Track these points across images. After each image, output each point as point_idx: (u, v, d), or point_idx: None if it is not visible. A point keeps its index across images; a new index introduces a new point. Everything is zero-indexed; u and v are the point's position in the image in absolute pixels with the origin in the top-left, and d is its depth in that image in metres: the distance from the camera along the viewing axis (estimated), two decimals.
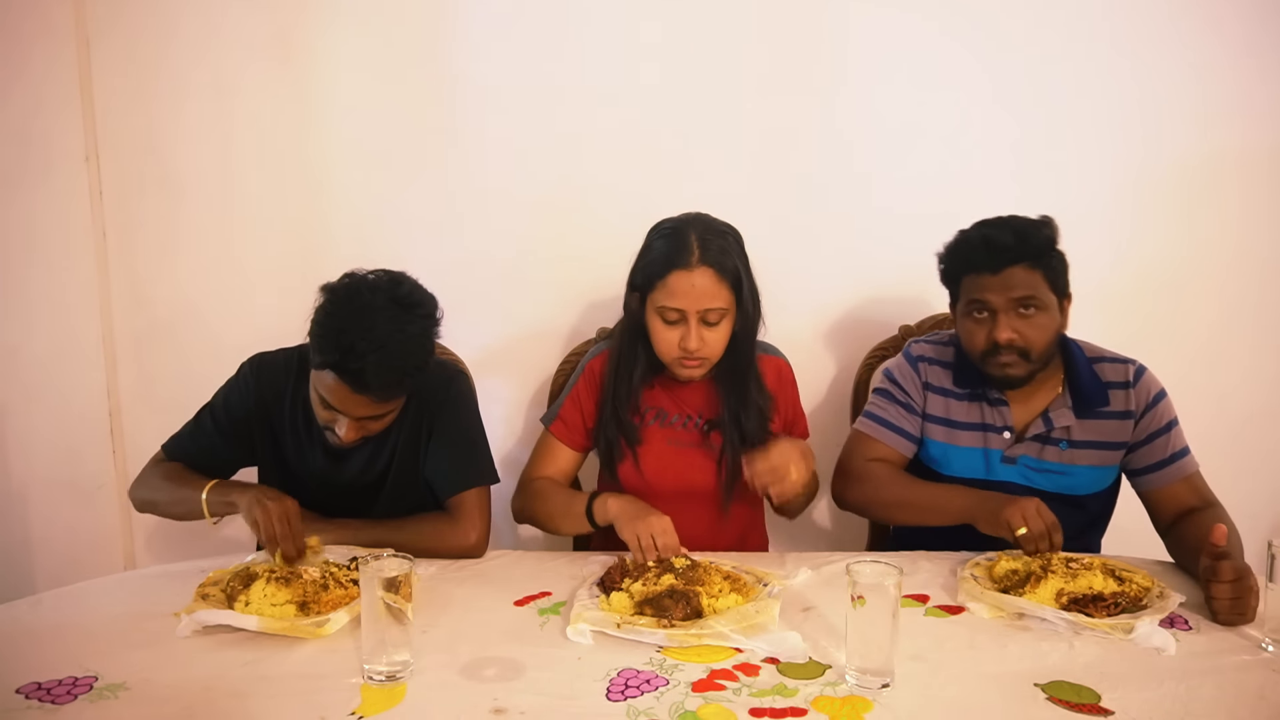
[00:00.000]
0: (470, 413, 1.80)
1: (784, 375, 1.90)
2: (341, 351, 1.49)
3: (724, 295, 1.70)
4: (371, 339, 1.49)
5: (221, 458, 1.75)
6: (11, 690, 1.21)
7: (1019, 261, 1.70)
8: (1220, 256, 2.32)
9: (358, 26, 2.25)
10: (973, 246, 1.75)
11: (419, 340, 1.56)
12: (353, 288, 1.56)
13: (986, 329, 1.73)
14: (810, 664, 1.30)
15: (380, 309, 1.52)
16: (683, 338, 1.71)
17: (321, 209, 2.33)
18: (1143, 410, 1.78)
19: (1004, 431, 1.81)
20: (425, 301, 1.59)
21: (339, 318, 1.52)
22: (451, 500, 1.73)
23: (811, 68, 2.26)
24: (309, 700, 1.21)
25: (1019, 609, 1.45)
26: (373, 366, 1.49)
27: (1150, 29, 2.22)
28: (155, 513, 1.72)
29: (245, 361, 1.76)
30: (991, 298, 1.72)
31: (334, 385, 1.54)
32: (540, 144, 2.28)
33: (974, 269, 1.74)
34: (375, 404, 1.57)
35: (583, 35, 2.24)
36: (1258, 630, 1.40)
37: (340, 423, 1.59)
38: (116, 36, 2.27)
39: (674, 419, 1.84)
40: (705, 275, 1.68)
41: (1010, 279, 1.70)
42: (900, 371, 1.90)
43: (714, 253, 1.69)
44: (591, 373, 1.87)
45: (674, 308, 1.70)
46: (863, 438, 1.90)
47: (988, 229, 1.75)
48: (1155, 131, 2.26)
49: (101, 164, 2.32)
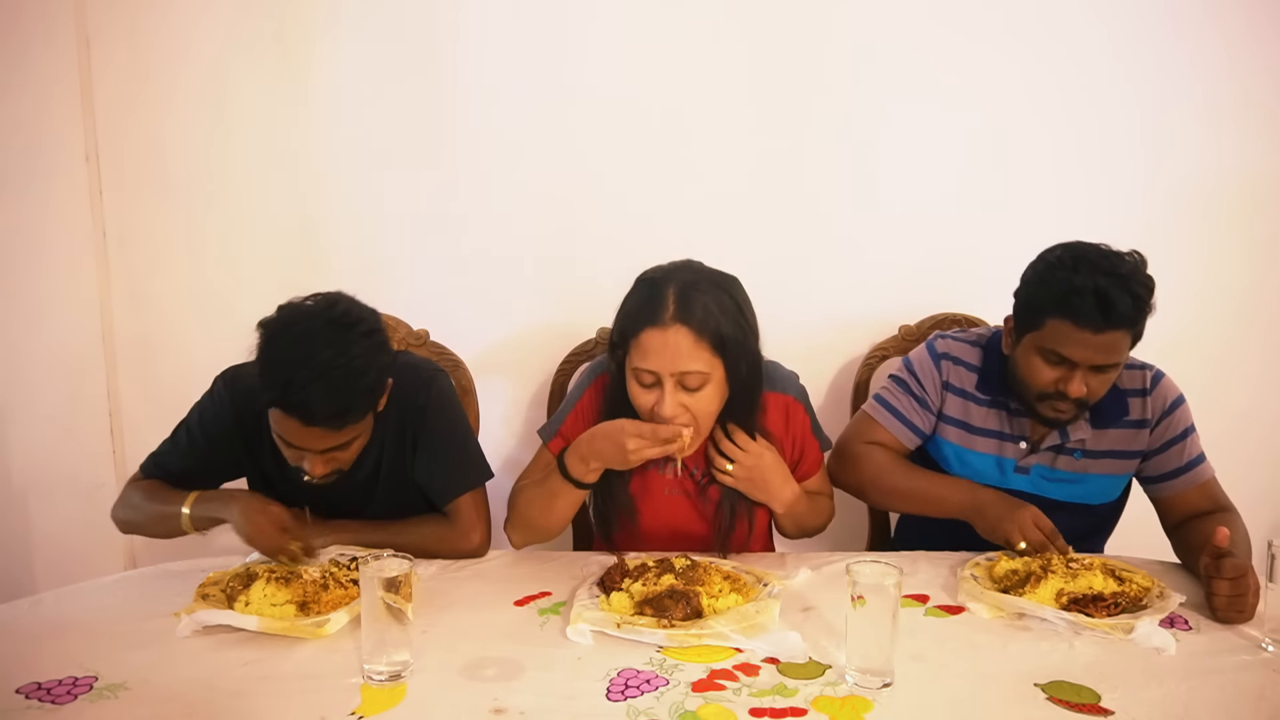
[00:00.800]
0: (453, 413, 1.75)
1: (792, 414, 1.74)
2: (281, 386, 1.42)
3: (703, 357, 1.53)
4: (311, 367, 1.41)
5: (201, 475, 1.68)
6: (11, 690, 1.21)
7: (1123, 327, 1.58)
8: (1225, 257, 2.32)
9: (357, 26, 2.25)
10: (1082, 298, 1.57)
11: (365, 359, 1.47)
12: (286, 318, 1.48)
13: (1058, 376, 1.63)
14: (810, 664, 1.30)
15: (318, 333, 1.44)
16: (656, 403, 1.55)
17: (321, 209, 2.32)
18: (1158, 418, 1.74)
19: (1020, 441, 1.78)
20: (365, 318, 1.51)
21: (275, 350, 1.45)
22: (449, 506, 1.71)
23: (812, 68, 2.26)
24: (309, 700, 1.21)
25: (1019, 609, 1.45)
26: (317, 396, 1.41)
27: (1157, 30, 2.22)
28: (139, 533, 1.69)
29: (218, 376, 1.70)
30: (1078, 355, 1.60)
31: (284, 421, 1.46)
32: (540, 144, 2.28)
33: (1073, 320, 1.58)
34: (331, 434, 1.48)
35: (583, 35, 2.24)
36: (1258, 630, 1.40)
37: (306, 459, 1.52)
38: (116, 36, 2.27)
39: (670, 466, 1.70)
40: (680, 334, 1.52)
41: (1107, 343, 1.59)
42: (921, 365, 1.84)
43: (695, 309, 1.53)
44: (596, 392, 1.74)
45: (647, 369, 1.54)
46: (869, 421, 1.86)
47: (1104, 283, 1.56)
48: (1164, 134, 2.26)
49: (101, 164, 2.32)
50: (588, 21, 2.24)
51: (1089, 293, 1.56)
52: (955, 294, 2.26)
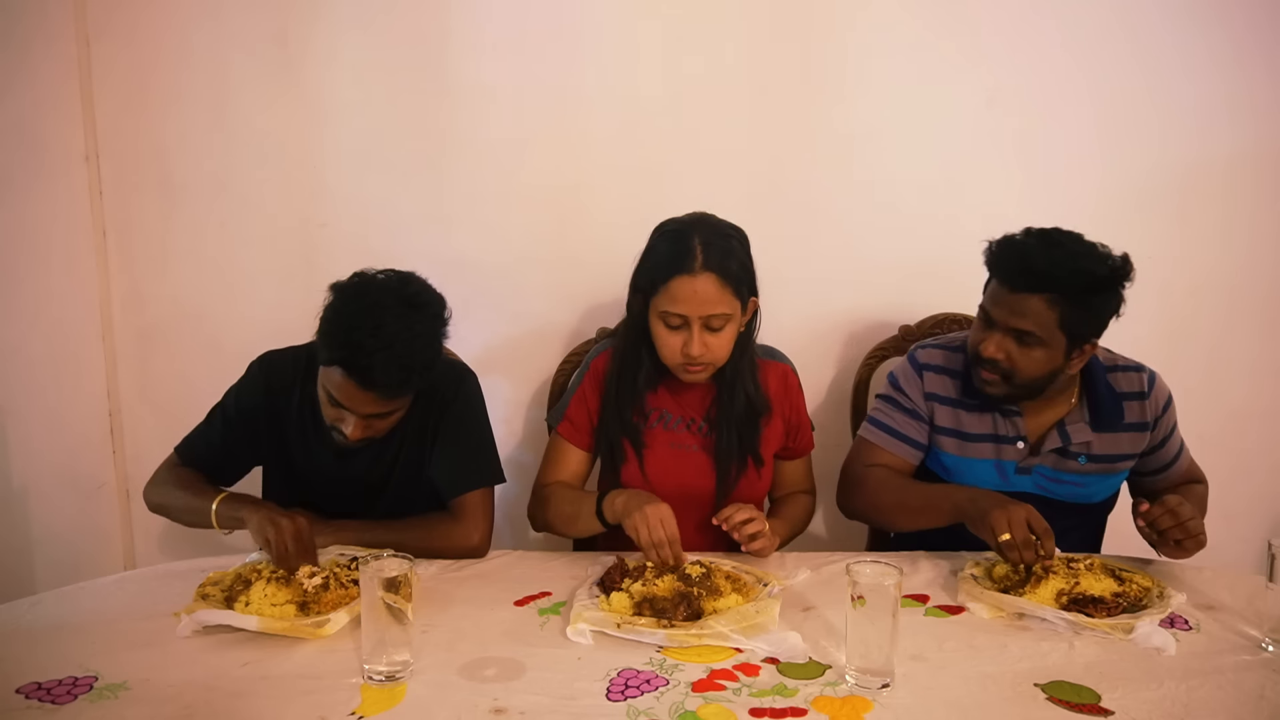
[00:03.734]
0: (478, 413, 1.80)
1: (789, 382, 1.87)
2: (349, 348, 1.49)
3: (727, 300, 1.67)
4: (379, 336, 1.49)
5: (234, 457, 1.75)
6: (11, 690, 1.21)
7: (1041, 291, 1.60)
8: (1222, 257, 2.32)
9: (358, 27, 2.25)
10: (1009, 255, 1.64)
11: (426, 339, 1.56)
12: (361, 286, 1.56)
13: (983, 337, 1.69)
14: (810, 664, 1.31)
15: (389, 307, 1.52)
16: (685, 344, 1.68)
17: (321, 209, 2.32)
18: (1155, 420, 1.77)
19: (1017, 442, 1.77)
20: (434, 301, 1.60)
21: (347, 315, 1.52)
22: (455, 501, 1.73)
23: (812, 68, 2.25)
24: (309, 700, 1.21)
25: (1019, 609, 1.45)
26: (380, 364, 1.49)
27: (1152, 29, 2.22)
28: (167, 517, 1.72)
29: (255, 360, 1.76)
30: (997, 313, 1.66)
31: (341, 382, 1.53)
32: (540, 144, 2.28)
33: (999, 277, 1.66)
34: (381, 401, 1.56)
35: (583, 36, 2.24)
36: (1258, 630, 1.40)
37: (346, 421, 1.59)
38: (116, 36, 2.27)
39: (676, 421, 1.83)
40: (708, 281, 1.65)
41: (1022, 305, 1.62)
42: (905, 377, 1.85)
43: (718, 257, 1.66)
44: (596, 372, 1.85)
45: (677, 313, 1.67)
46: (867, 445, 1.86)
47: (1033, 245, 1.63)
48: (1157, 132, 2.26)
49: (101, 164, 2.32)
50: (588, 23, 2.23)
51: (1015, 249, 1.63)
52: (955, 294, 2.25)
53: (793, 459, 1.91)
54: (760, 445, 1.82)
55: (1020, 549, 1.51)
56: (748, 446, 1.80)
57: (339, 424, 1.60)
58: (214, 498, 1.62)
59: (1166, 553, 1.58)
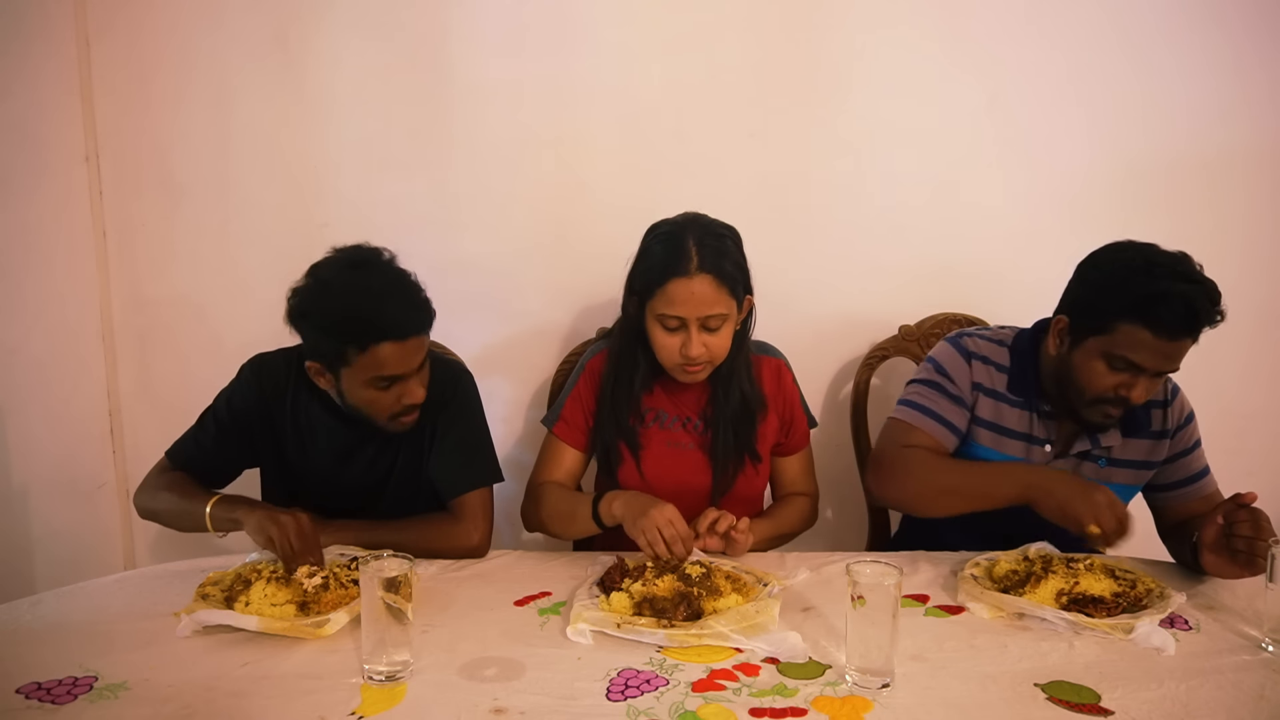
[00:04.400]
0: (475, 411, 1.80)
1: (783, 376, 1.88)
2: (370, 316, 1.53)
3: (724, 301, 1.68)
4: (382, 287, 1.54)
5: (226, 460, 1.74)
6: (11, 690, 1.21)
7: (1197, 336, 1.53)
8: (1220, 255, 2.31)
9: (357, 26, 2.25)
10: (1168, 305, 1.50)
11: (400, 273, 1.61)
12: (327, 270, 1.59)
13: (1121, 381, 1.58)
14: (810, 664, 1.30)
15: (365, 264, 1.58)
16: (684, 345, 1.69)
17: (321, 209, 2.32)
18: (1175, 430, 1.73)
19: (1045, 445, 1.73)
20: (378, 250, 1.63)
21: (343, 297, 1.55)
22: (455, 501, 1.73)
23: (811, 67, 2.26)
24: (309, 700, 1.21)
25: (1019, 609, 1.45)
26: (398, 306, 1.54)
27: (1148, 28, 2.22)
28: (159, 522, 1.71)
29: (245, 363, 1.76)
30: (1150, 361, 1.54)
31: (384, 351, 1.54)
32: (540, 144, 2.28)
33: (1151, 327, 1.52)
34: (422, 340, 1.60)
35: (582, 37, 2.24)
36: (1257, 630, 1.40)
37: (408, 389, 1.60)
38: (116, 36, 2.27)
39: (672, 420, 1.84)
40: (704, 282, 1.65)
41: (1177, 350, 1.54)
42: (952, 364, 1.77)
43: (713, 258, 1.66)
44: (592, 372, 1.85)
45: (674, 315, 1.67)
46: (902, 425, 1.75)
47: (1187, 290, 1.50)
48: (1156, 133, 2.27)
49: (101, 164, 2.32)
50: (587, 24, 2.24)
51: (1175, 299, 1.49)
52: (955, 294, 2.26)
53: (790, 454, 1.91)
54: (757, 442, 1.82)
55: (1111, 538, 1.50)
56: (744, 444, 1.81)
57: (403, 401, 1.61)
58: (207, 500, 1.60)
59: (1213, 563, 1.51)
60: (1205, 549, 1.52)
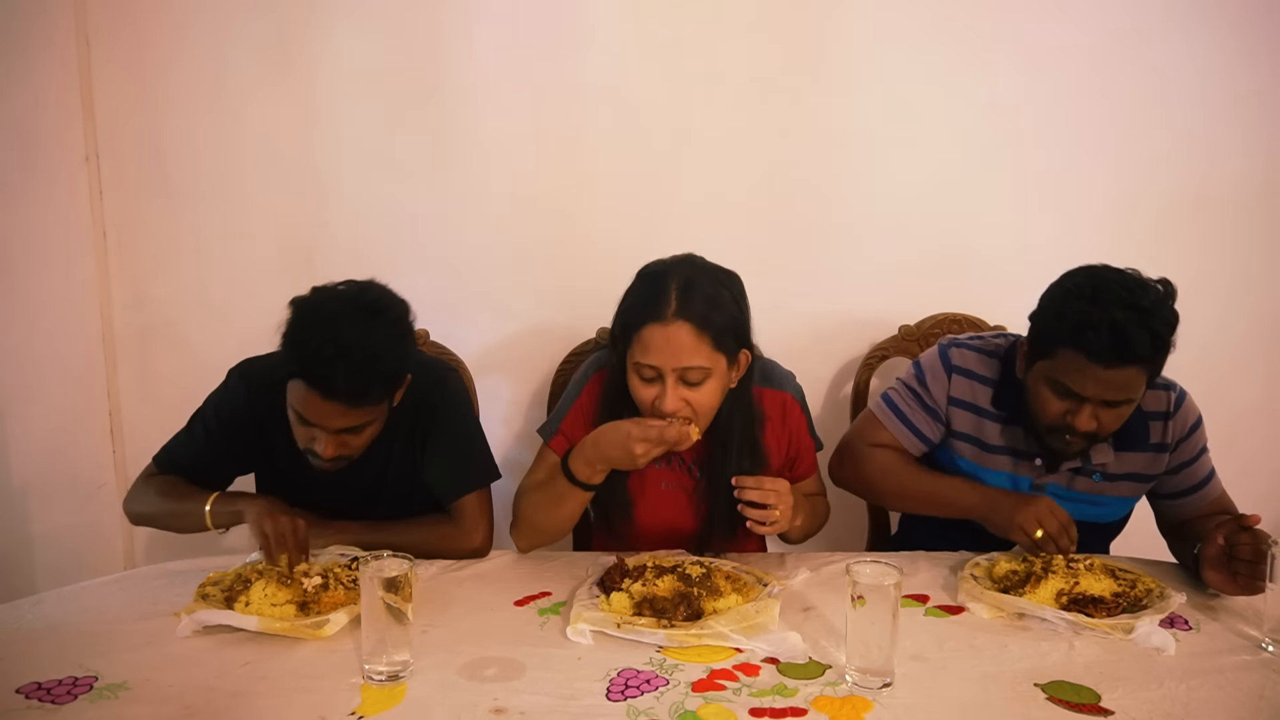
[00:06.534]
0: (465, 411, 1.78)
1: (789, 413, 1.74)
2: (308, 359, 1.48)
3: (704, 352, 1.53)
4: (337, 344, 1.46)
5: (216, 467, 1.71)
6: (11, 690, 1.21)
7: (1139, 365, 1.50)
8: (1220, 257, 2.33)
9: (357, 26, 2.25)
10: (1096, 332, 1.47)
11: (387, 345, 1.52)
12: (317, 299, 1.55)
13: (1066, 409, 1.56)
14: (810, 664, 1.30)
15: (345, 315, 1.50)
16: (657, 398, 1.55)
17: (321, 209, 2.32)
18: (1177, 442, 1.68)
19: (1035, 459, 1.71)
20: (393, 307, 1.57)
21: (304, 327, 1.51)
22: (454, 505, 1.72)
23: (811, 68, 2.26)
24: (309, 700, 1.21)
25: (1019, 609, 1.45)
26: (340, 371, 1.47)
27: (1150, 27, 2.22)
28: (152, 526, 1.70)
29: (233, 368, 1.73)
30: (1089, 390, 1.52)
31: (305, 394, 1.50)
32: (539, 144, 2.28)
33: (1085, 353, 1.50)
34: (347, 412, 1.52)
35: (582, 37, 2.24)
36: (1257, 630, 1.40)
37: (318, 439, 1.55)
38: (117, 36, 2.27)
39: (670, 459, 1.70)
40: (682, 330, 1.51)
41: (1118, 379, 1.50)
42: (933, 374, 1.77)
43: (697, 304, 1.52)
44: (595, 387, 1.73)
45: (648, 364, 1.54)
46: (873, 423, 1.81)
47: (1122, 318, 1.46)
48: (1156, 132, 2.27)
49: (101, 164, 2.32)
50: (587, 23, 2.24)
51: (1104, 327, 1.47)
52: (955, 294, 2.26)
53: (795, 482, 1.73)
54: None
55: (1055, 539, 1.53)
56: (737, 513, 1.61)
57: (312, 445, 1.57)
58: (205, 499, 1.59)
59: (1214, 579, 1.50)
60: (1206, 565, 1.51)
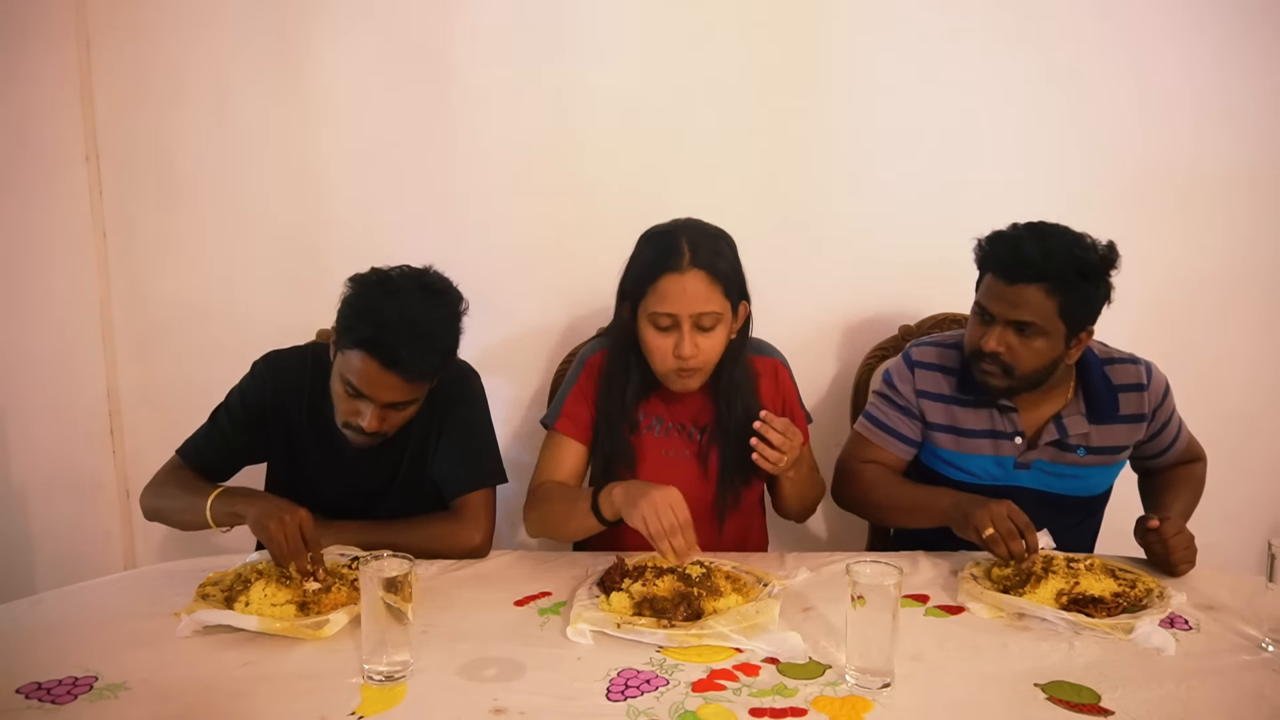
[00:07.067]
0: (481, 411, 1.80)
1: (781, 376, 1.86)
2: (375, 327, 1.52)
3: (717, 299, 1.65)
4: (404, 316, 1.53)
5: (238, 456, 1.75)
6: (11, 690, 1.21)
7: (1038, 281, 1.63)
8: (1220, 256, 2.33)
9: (357, 27, 2.25)
10: (1002, 248, 1.67)
11: (445, 324, 1.60)
12: (381, 275, 1.61)
13: (982, 333, 1.70)
14: (810, 664, 1.31)
15: (410, 292, 1.57)
16: (676, 344, 1.65)
17: (321, 209, 2.32)
18: (1154, 411, 1.79)
19: (1015, 437, 1.79)
20: (451, 290, 1.64)
21: (370, 299, 1.56)
22: (457, 501, 1.72)
23: (812, 68, 2.26)
24: (309, 700, 1.21)
25: (1019, 609, 1.45)
26: (405, 341, 1.52)
27: (1147, 27, 2.22)
28: (164, 521, 1.69)
29: (259, 359, 1.76)
30: (995, 307, 1.67)
31: (363, 366, 1.54)
32: (539, 144, 2.28)
33: (993, 271, 1.68)
34: (402, 386, 1.56)
35: (582, 36, 2.24)
36: (1257, 630, 1.40)
37: (363, 412, 1.58)
38: (117, 36, 2.27)
39: (670, 427, 1.80)
40: (697, 278, 1.63)
41: (1020, 296, 1.64)
42: (898, 374, 1.87)
43: (706, 255, 1.64)
44: (593, 368, 1.81)
45: (666, 313, 1.64)
46: (860, 439, 1.90)
47: (1023, 236, 1.66)
48: (1156, 132, 2.26)
49: (101, 164, 2.32)
50: (587, 23, 2.23)
51: (1007, 243, 1.66)
52: (955, 294, 2.25)
53: None
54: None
55: (1005, 540, 1.53)
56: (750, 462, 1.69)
57: (354, 418, 1.59)
58: (208, 495, 1.57)
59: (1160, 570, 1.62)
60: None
